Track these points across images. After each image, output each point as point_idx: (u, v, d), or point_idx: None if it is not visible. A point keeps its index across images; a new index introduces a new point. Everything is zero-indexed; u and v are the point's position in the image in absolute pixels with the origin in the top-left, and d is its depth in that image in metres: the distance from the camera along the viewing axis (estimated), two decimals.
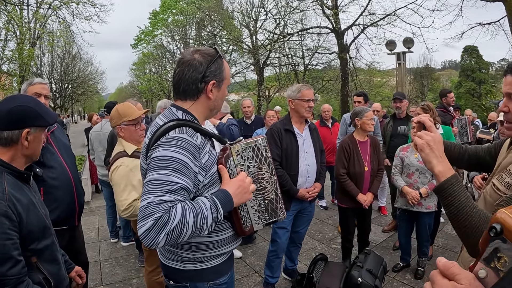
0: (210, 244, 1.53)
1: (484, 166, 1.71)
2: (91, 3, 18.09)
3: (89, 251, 4.50)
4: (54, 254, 1.63)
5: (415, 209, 3.56)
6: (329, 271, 3.17)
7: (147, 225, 1.16)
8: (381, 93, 25.78)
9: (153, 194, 1.21)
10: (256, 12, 23.40)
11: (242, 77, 27.46)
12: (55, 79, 34.65)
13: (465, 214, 1.12)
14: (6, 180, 1.44)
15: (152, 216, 1.17)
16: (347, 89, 18.26)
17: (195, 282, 1.56)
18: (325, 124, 6.13)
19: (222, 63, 1.50)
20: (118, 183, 2.46)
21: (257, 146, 1.58)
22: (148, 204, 1.19)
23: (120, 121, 2.64)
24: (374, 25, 17.89)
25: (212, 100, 1.50)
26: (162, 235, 1.16)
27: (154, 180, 1.25)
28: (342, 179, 3.54)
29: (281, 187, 3.02)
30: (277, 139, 3.12)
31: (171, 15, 31.30)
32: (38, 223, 1.52)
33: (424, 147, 1.24)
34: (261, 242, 4.77)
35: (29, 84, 2.56)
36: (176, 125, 1.39)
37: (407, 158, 3.64)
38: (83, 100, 46.98)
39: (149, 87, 35.23)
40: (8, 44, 19.73)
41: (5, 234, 1.33)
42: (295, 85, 3.23)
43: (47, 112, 1.59)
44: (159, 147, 1.33)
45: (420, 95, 31.46)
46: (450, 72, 41.95)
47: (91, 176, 7.49)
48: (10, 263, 1.34)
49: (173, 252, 1.56)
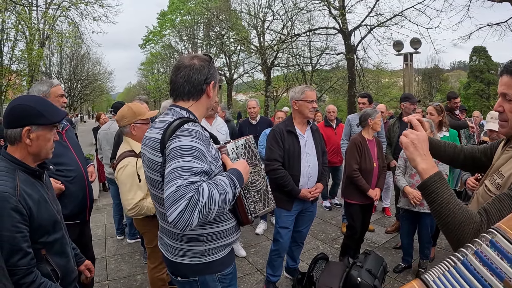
0: (218, 234, 1.64)
1: (480, 166, 1.73)
2: (100, 3, 18.32)
3: (96, 248, 4.59)
4: (63, 247, 1.72)
5: (416, 209, 3.59)
6: (329, 271, 3.21)
7: (181, 206, 1.24)
8: (389, 94, 25.63)
9: (180, 178, 1.30)
10: (264, 12, 23.52)
11: (250, 77, 27.60)
12: (64, 78, 34.98)
13: (447, 210, 1.15)
14: (18, 176, 1.53)
15: (185, 197, 1.25)
16: (354, 89, 18.21)
17: (204, 275, 1.65)
18: (330, 124, 6.16)
19: (214, 66, 1.67)
20: (125, 182, 2.51)
21: (248, 144, 1.77)
22: (177, 188, 1.28)
23: (134, 120, 2.69)
24: (381, 25, 17.85)
25: (211, 98, 1.66)
26: (195, 213, 1.25)
27: (178, 167, 1.34)
28: (355, 174, 3.66)
29: (283, 187, 3.10)
30: (280, 140, 3.16)
31: (179, 16, 31.47)
32: (49, 217, 1.61)
33: (408, 145, 1.28)
34: (264, 241, 4.82)
35: (51, 85, 2.61)
36: (188, 120, 1.51)
37: None
38: (92, 100, 47.34)
39: (157, 87, 35.46)
40: (17, 44, 20.12)
41: (16, 227, 1.43)
42: (298, 87, 3.27)
43: (50, 110, 1.63)
44: (178, 138, 1.43)
45: (428, 96, 31.22)
46: (459, 73, 41.57)
47: (98, 174, 7.58)
48: (20, 255, 1.43)
49: (182, 248, 1.64)
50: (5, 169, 1.54)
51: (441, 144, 1.72)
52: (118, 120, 2.76)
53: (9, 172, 1.53)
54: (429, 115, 3.86)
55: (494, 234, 0.92)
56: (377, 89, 23.69)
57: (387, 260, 3.67)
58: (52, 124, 1.65)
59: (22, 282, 1.43)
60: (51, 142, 1.68)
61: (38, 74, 19.67)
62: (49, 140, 1.65)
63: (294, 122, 3.27)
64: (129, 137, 2.72)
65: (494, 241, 0.91)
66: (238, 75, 27.46)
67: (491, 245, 0.92)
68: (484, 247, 0.91)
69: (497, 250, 0.90)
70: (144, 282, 3.72)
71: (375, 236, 4.96)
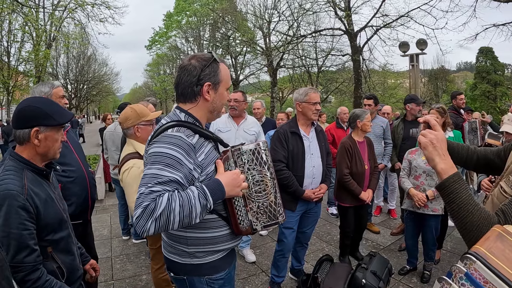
0: (206, 239, 1.59)
1: (493, 168, 1.72)
2: (106, 5, 18.42)
3: (101, 248, 4.66)
4: (69, 246, 1.75)
5: (421, 211, 3.58)
6: (334, 272, 3.21)
7: (137, 213, 1.27)
8: (395, 95, 25.53)
9: (144, 186, 1.33)
10: (269, 14, 23.51)
11: (256, 78, 27.61)
12: (70, 79, 35.33)
13: (466, 211, 1.13)
14: (26, 176, 1.57)
15: (141, 205, 1.28)
16: (360, 91, 18.14)
17: (191, 276, 1.64)
18: (341, 126, 6.15)
19: (217, 66, 1.57)
20: (131, 184, 2.50)
21: (257, 150, 1.63)
22: (139, 195, 1.31)
23: (138, 121, 2.67)
24: (387, 26, 17.74)
25: (209, 101, 1.59)
26: (150, 221, 1.27)
27: (148, 174, 1.36)
28: (346, 178, 3.67)
29: (287, 188, 3.10)
30: (284, 141, 3.18)
31: (185, 17, 31.60)
32: (55, 216, 1.65)
33: (427, 145, 1.26)
34: (270, 242, 4.83)
35: (53, 87, 2.65)
36: (174, 125, 1.49)
37: (414, 160, 3.67)
38: (98, 101, 47.72)
39: (163, 88, 35.64)
40: (24, 45, 20.38)
41: (23, 225, 1.47)
42: (302, 89, 3.28)
43: (58, 112, 1.66)
44: (155, 144, 1.44)
45: (434, 97, 31.05)
46: (466, 74, 41.30)
47: (104, 175, 7.64)
48: (26, 252, 1.47)
49: (172, 246, 1.64)
50: (13, 168, 1.57)
51: (455, 146, 1.71)
52: (121, 122, 2.73)
53: (17, 171, 1.56)
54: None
55: (472, 261, 0.84)
56: (383, 90, 23.62)
57: (392, 262, 3.66)
58: (60, 125, 1.68)
59: (28, 279, 1.46)
60: (59, 142, 1.70)
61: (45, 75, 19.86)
62: (56, 141, 1.68)
63: (298, 123, 3.28)
64: (132, 139, 2.70)
65: (469, 273, 0.83)
66: (244, 76, 27.50)
67: (467, 279, 0.83)
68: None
69: (473, 284, 0.82)
70: (149, 282, 3.73)
71: (381, 238, 4.95)
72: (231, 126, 3.99)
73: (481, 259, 0.82)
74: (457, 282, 0.84)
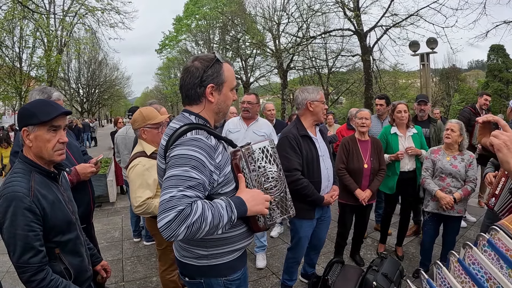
0: (224, 240, 1.60)
1: None
2: (116, 10, 18.56)
3: (112, 250, 4.71)
4: (77, 247, 1.75)
5: (446, 213, 3.50)
6: (345, 275, 3.18)
7: (169, 216, 1.23)
8: (406, 95, 25.27)
9: (175, 188, 1.29)
10: (279, 15, 23.52)
11: (266, 80, 27.70)
12: (82, 84, 35.85)
13: None
14: (34, 178, 1.59)
15: (175, 208, 1.24)
16: (371, 91, 18.01)
17: (209, 277, 1.63)
18: (352, 127, 6.10)
19: (220, 67, 1.55)
20: (134, 181, 2.57)
21: (266, 148, 1.67)
22: (170, 198, 1.27)
23: (144, 124, 2.75)
24: (397, 26, 17.62)
25: (214, 103, 1.58)
26: (182, 227, 1.24)
27: (175, 175, 1.33)
28: (340, 173, 3.65)
29: (307, 197, 2.93)
30: (296, 147, 2.93)
31: (195, 20, 31.86)
32: (63, 218, 1.66)
33: (501, 147, 1.16)
34: (280, 244, 4.81)
35: (50, 95, 2.66)
36: (192, 128, 1.48)
37: (439, 161, 3.59)
38: (110, 104, 48.12)
39: (174, 91, 35.84)
40: (36, 51, 20.67)
41: (29, 226, 1.49)
42: (309, 87, 3.12)
43: (43, 111, 1.60)
44: (178, 147, 1.41)
45: (446, 96, 30.68)
46: (477, 72, 40.70)
47: (116, 177, 7.71)
48: (32, 253, 1.49)
49: (188, 250, 1.63)
50: (21, 170, 1.60)
51: None
52: (131, 123, 2.88)
53: (24, 173, 1.58)
54: (451, 131, 3.65)
55: (496, 231, 0.91)
56: (394, 90, 23.36)
57: (404, 264, 3.61)
58: (43, 123, 1.60)
59: (33, 279, 1.48)
60: (52, 143, 1.63)
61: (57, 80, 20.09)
62: (48, 141, 1.62)
63: (304, 125, 3.06)
64: (141, 139, 2.80)
65: (491, 240, 0.90)
66: (255, 79, 27.56)
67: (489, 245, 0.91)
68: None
69: (494, 250, 0.89)
70: (159, 284, 3.74)
71: (392, 239, 4.88)
72: (240, 127, 3.99)
73: (505, 230, 0.88)
74: (480, 249, 0.93)
